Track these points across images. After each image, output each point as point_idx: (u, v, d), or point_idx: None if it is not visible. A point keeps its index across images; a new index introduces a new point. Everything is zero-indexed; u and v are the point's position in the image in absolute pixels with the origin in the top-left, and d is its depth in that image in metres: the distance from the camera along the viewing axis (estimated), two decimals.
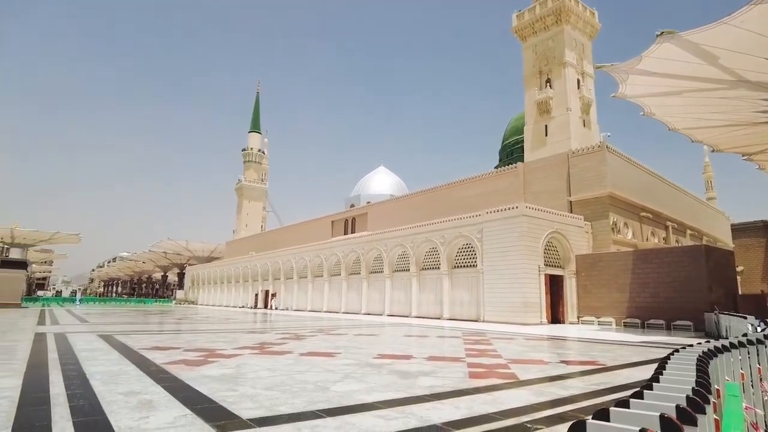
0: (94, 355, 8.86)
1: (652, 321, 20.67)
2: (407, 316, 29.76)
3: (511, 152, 53.37)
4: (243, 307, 50.62)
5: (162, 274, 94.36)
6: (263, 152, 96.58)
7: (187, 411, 4.61)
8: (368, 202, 52.00)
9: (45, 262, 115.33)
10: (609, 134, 34.30)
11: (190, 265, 78.78)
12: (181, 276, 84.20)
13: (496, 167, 49.78)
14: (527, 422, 4.46)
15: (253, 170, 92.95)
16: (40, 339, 11.80)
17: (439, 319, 27.32)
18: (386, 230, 34.67)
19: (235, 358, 8.81)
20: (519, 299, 23.22)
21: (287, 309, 43.20)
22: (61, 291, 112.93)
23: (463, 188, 36.41)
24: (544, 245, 24.63)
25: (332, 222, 51.17)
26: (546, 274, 24.36)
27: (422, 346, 12.01)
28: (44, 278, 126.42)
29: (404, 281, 31.54)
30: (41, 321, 19.67)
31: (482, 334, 16.28)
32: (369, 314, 33.00)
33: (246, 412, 4.63)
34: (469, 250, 27.29)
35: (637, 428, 1.56)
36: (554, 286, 25.05)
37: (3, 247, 45.19)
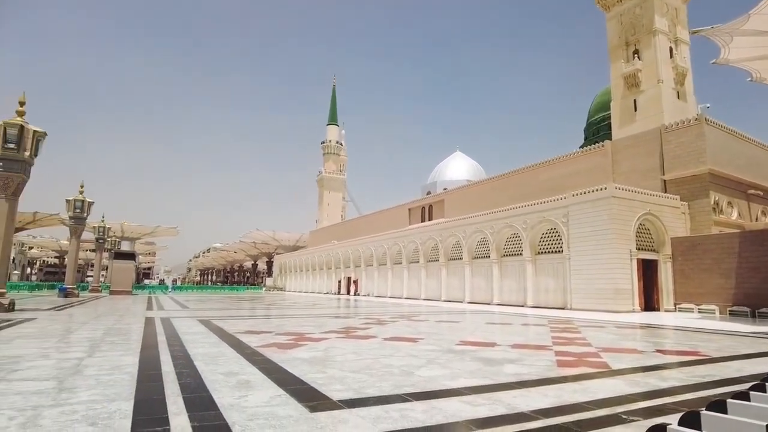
0: (195, 338, 9.59)
1: (764, 309, 18.78)
2: (488, 304, 29.33)
3: (597, 130, 50.40)
4: (327, 293, 52.44)
5: (252, 262, 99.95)
6: (341, 144, 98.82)
7: (281, 391, 4.87)
8: (445, 189, 51.55)
9: (149, 253, 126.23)
10: (708, 105, 31.25)
11: (277, 254, 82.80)
12: (269, 264, 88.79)
13: (581, 147, 47.29)
14: (622, 413, 4.24)
15: (332, 162, 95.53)
16: (149, 323, 12.99)
17: (522, 306, 26.65)
18: (464, 216, 34.24)
19: (323, 341, 9.17)
20: (609, 286, 22.04)
21: (368, 295, 44.17)
22: (163, 279, 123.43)
23: (545, 170, 34.86)
24: (636, 228, 23.12)
25: (409, 210, 51.40)
26: (638, 259, 22.88)
27: (506, 334, 11.79)
28: (149, 268, 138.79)
29: (484, 268, 31.05)
30: (149, 306, 21.62)
31: (569, 322, 15.67)
32: (449, 301, 32.91)
33: (336, 393, 4.82)
34: (553, 234, 26.28)
35: (764, 423, 1.41)
36: (648, 271, 23.49)
37: (115, 241, 50.08)
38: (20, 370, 5.78)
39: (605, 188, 23.18)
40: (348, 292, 48.86)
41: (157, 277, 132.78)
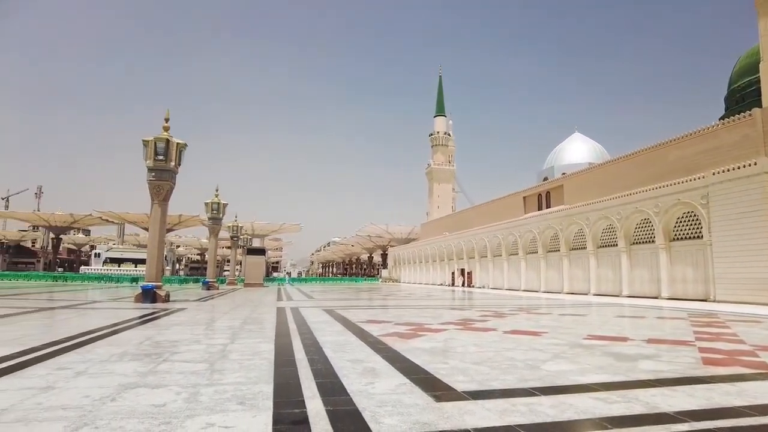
0: (322, 326, 10.20)
1: None
2: (616, 296, 27.31)
3: (742, 98, 44.19)
4: (441, 284, 52.59)
5: (368, 255, 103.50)
6: (449, 134, 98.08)
7: (406, 380, 5.01)
8: (563, 174, 48.76)
9: (277, 248, 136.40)
10: None
11: (391, 246, 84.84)
12: (384, 256, 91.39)
13: (722, 118, 41.83)
14: None
15: (440, 153, 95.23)
16: (280, 312, 14.07)
17: (656, 298, 24.45)
18: (586, 202, 32.19)
19: (442, 332, 9.24)
20: (764, 275, 19.33)
21: (483, 287, 43.48)
22: (290, 272, 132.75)
23: (678, 147, 31.14)
24: None
25: (524, 198, 49.44)
26: None
27: (638, 328, 10.90)
28: (277, 262, 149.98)
29: (611, 257, 28.95)
30: (279, 297, 23.41)
31: (714, 316, 14.04)
32: (571, 293, 31.21)
33: (459, 384, 4.83)
34: (691, 218, 23.71)
35: None
36: None
37: (247, 238, 54.95)
38: (179, 353, 6.62)
39: (755, 163, 20.31)
40: (462, 284, 48.52)
41: (284, 270, 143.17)
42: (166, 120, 18.14)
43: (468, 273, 48.43)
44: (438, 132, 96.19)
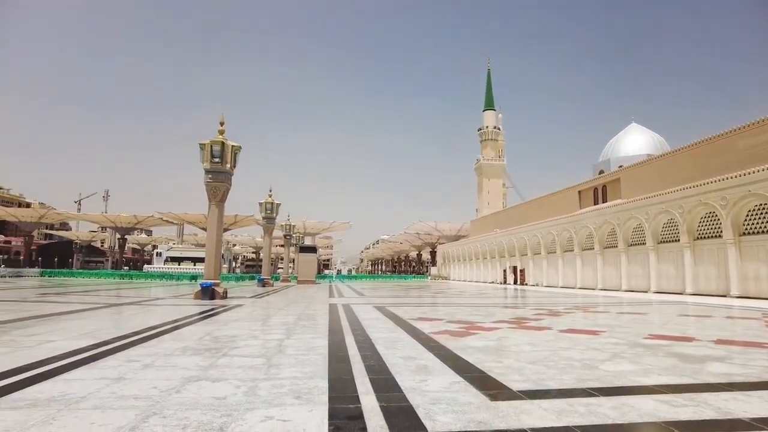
0: (374, 323, 10.28)
1: None
2: (679, 293, 25.98)
3: None
4: (492, 282, 51.79)
5: (417, 252, 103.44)
6: (498, 128, 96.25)
7: (459, 378, 4.97)
8: (620, 166, 46.73)
9: (327, 246, 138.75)
10: None
11: (440, 243, 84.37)
12: (433, 254, 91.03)
13: None
14: None
15: (489, 148, 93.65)
16: (332, 309, 14.30)
17: (723, 296, 23.05)
18: (645, 196, 30.74)
19: (495, 331, 9.09)
20: None
21: (537, 285, 42.46)
22: (340, 270, 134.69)
23: (749, 134, 28.76)
24: None
25: (579, 192, 47.81)
26: None
27: (705, 327, 10.31)
28: (328, 260, 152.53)
29: (673, 253, 27.54)
30: (331, 294, 23.80)
31: None
32: (630, 291, 29.96)
33: (514, 384, 4.74)
34: (764, 211, 22.16)
35: None
36: None
37: (299, 237, 56.24)
38: (237, 348, 6.86)
39: None
40: (514, 282, 47.57)
41: (335, 267, 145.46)
42: (221, 124, 18.81)
43: (520, 270, 47.42)
44: (487, 126, 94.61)
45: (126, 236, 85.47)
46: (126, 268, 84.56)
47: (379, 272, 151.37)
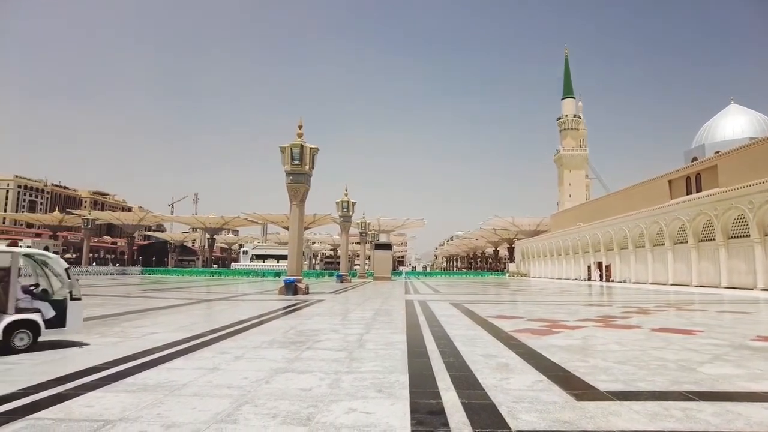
0: (451, 320, 10.23)
1: None
2: None
3: None
4: (575, 279, 49.59)
5: (493, 249, 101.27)
6: (579, 117, 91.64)
7: (542, 377, 4.84)
8: (716, 152, 42.85)
9: (401, 243, 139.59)
10: None
11: (518, 239, 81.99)
12: (510, 250, 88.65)
13: None
14: None
15: (570, 138, 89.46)
16: (408, 305, 14.41)
17: None
18: (748, 183, 27.98)
19: (579, 330, 8.73)
20: None
21: (624, 282, 40.11)
22: (415, 266, 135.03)
23: None
24: None
25: (669, 181, 44.37)
26: None
27: None
28: (402, 256, 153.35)
29: None
30: (406, 290, 23.97)
31: None
32: (731, 288, 27.41)
33: (602, 384, 4.54)
34: None
35: None
36: None
37: (374, 234, 57.13)
38: (320, 341, 7.13)
39: None
40: (599, 279, 45.22)
41: (410, 264, 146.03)
42: (300, 127, 19.52)
43: (606, 266, 44.97)
44: (566, 115, 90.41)
45: (214, 236, 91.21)
46: (215, 266, 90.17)
47: (454, 269, 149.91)
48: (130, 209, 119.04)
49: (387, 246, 49.64)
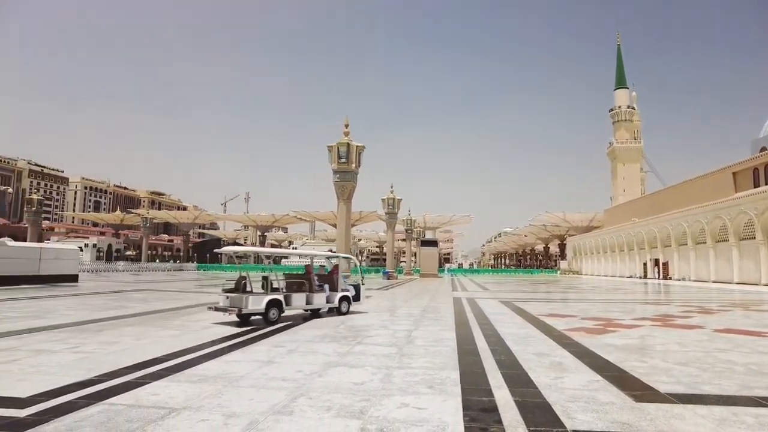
0: (501, 318, 10.09)
1: None
2: None
3: None
4: (630, 277, 47.69)
5: (543, 245, 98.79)
6: (633, 108, 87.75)
7: (598, 377, 4.71)
8: None
9: (448, 240, 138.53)
10: None
11: (569, 235, 79.59)
12: (561, 247, 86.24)
13: None
14: None
15: (624, 130, 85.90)
16: (456, 302, 14.32)
17: None
18: None
19: (636, 329, 8.41)
20: None
21: (683, 279, 38.21)
22: (461, 264, 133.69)
23: None
24: None
25: (734, 174, 41.76)
26: None
27: None
28: (448, 253, 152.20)
29: None
30: (454, 288, 23.80)
31: None
32: None
33: (662, 385, 4.37)
34: None
35: None
36: None
37: (420, 231, 57.04)
38: (370, 336, 7.22)
39: None
40: (657, 276, 43.26)
41: (456, 261, 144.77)
42: (346, 126, 19.77)
43: (663, 263, 42.94)
44: (619, 106, 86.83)
45: (265, 233, 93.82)
46: (267, 261, 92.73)
47: (502, 266, 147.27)
48: (185, 208, 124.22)
49: (433, 243, 49.40)
